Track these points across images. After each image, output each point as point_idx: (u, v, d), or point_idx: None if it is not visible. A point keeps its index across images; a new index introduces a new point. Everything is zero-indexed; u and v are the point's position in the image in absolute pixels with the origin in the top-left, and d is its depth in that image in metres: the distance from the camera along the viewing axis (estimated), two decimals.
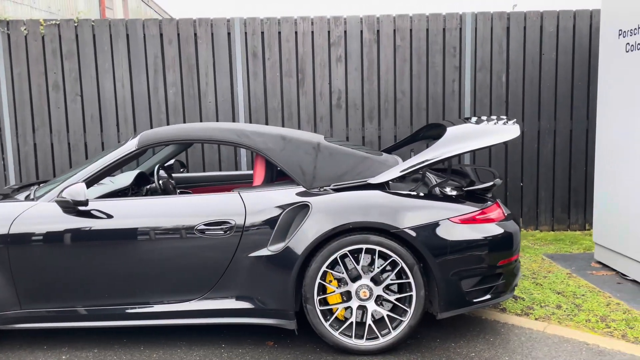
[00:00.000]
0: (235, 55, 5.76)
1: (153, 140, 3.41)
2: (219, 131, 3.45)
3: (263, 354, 3.17)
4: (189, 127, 3.55)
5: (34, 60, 5.70)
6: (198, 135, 3.47)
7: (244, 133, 3.42)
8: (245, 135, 3.41)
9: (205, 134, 3.45)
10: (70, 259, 3.15)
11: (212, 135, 3.43)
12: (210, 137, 3.43)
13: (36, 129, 5.77)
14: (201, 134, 3.47)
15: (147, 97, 5.79)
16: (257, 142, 3.38)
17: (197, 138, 3.48)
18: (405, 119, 5.94)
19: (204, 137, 3.45)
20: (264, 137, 3.40)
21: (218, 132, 3.45)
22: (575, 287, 4.16)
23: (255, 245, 3.15)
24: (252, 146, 3.37)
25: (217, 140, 3.44)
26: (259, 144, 3.37)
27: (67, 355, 3.21)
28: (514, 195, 6.05)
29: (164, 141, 3.48)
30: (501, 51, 5.91)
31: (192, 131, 3.48)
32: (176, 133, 3.47)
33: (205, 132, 3.46)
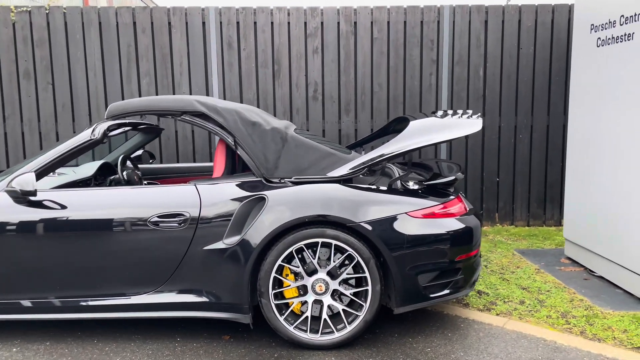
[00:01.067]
0: (210, 45, 5.69)
1: (121, 111, 3.35)
2: (188, 102, 3.34)
3: (217, 348, 3.14)
4: (158, 98, 3.41)
5: (5, 47, 5.60)
6: (166, 106, 3.35)
7: (215, 108, 3.33)
8: (216, 111, 3.32)
9: (174, 105, 3.34)
10: (19, 250, 3.09)
11: (181, 106, 3.33)
12: (179, 108, 3.33)
13: (7, 117, 5.69)
14: (169, 105, 3.35)
15: (120, 86, 5.72)
16: (227, 120, 3.30)
17: (165, 109, 3.35)
18: (382, 112, 5.89)
19: (173, 108, 3.34)
20: (234, 116, 3.33)
21: (187, 103, 3.34)
22: (542, 283, 4.14)
23: (210, 238, 3.10)
24: (221, 123, 3.29)
25: (182, 111, 3.34)
26: (229, 122, 3.30)
27: (19, 348, 3.17)
28: (490, 190, 6.03)
29: (131, 112, 3.36)
30: (479, 45, 5.86)
31: (161, 102, 3.37)
32: (145, 104, 3.36)
33: (175, 102, 3.35)
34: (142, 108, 3.35)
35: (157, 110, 3.35)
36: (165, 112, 3.36)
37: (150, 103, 3.36)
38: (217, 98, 3.99)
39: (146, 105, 3.36)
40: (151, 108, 3.34)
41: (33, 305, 3.13)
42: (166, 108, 3.34)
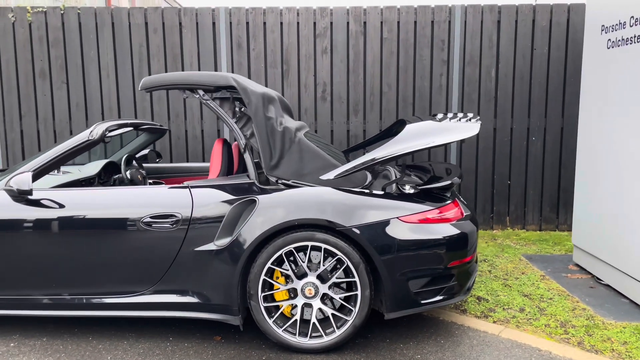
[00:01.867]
0: (220, 45, 5.73)
1: (155, 83, 3.32)
2: (223, 77, 3.30)
3: (207, 349, 3.16)
4: (192, 72, 3.35)
5: (21, 47, 5.75)
6: (199, 81, 3.29)
7: (245, 88, 3.27)
8: (245, 90, 3.26)
9: (208, 79, 3.29)
10: (18, 247, 3.17)
11: (214, 80, 3.29)
12: (213, 83, 3.29)
13: (23, 116, 5.83)
14: (203, 79, 3.29)
15: (132, 86, 5.80)
16: (251, 103, 3.27)
17: (199, 83, 3.29)
18: (391, 113, 5.84)
19: (207, 83, 3.29)
20: (259, 101, 3.30)
21: (221, 77, 3.30)
22: (545, 290, 4.05)
23: (201, 239, 3.12)
24: (246, 104, 3.27)
25: (216, 85, 3.29)
26: (252, 106, 3.27)
27: (16, 343, 3.25)
28: (501, 193, 5.92)
29: (164, 85, 3.31)
30: (491, 45, 5.76)
31: (194, 76, 3.31)
32: (179, 78, 3.31)
33: (210, 77, 3.31)
34: (175, 82, 3.31)
35: (191, 84, 3.30)
36: (199, 86, 3.30)
37: (184, 77, 3.31)
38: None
39: (180, 79, 3.31)
40: (185, 82, 3.29)
41: (36, 302, 3.19)
42: (200, 82, 3.29)
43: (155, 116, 5.82)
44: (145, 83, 3.33)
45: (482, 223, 5.97)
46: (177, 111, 5.82)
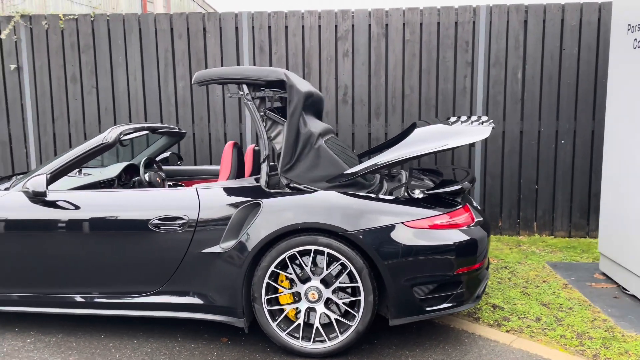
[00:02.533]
0: (242, 49, 5.79)
1: (206, 78, 3.35)
2: (274, 71, 3.31)
3: (212, 350, 3.20)
4: (244, 67, 3.37)
5: (54, 53, 5.97)
6: (251, 75, 3.29)
7: (292, 86, 3.27)
8: (291, 88, 3.26)
9: (259, 74, 3.29)
10: (34, 246, 3.28)
11: (265, 75, 3.28)
12: (263, 77, 3.28)
13: (55, 119, 6.06)
14: (255, 74, 3.29)
15: (158, 90, 5.94)
16: (292, 102, 3.25)
17: (250, 77, 3.29)
18: (413, 116, 5.77)
19: (258, 77, 3.28)
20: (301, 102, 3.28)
21: (272, 71, 3.31)
22: (565, 300, 3.91)
23: (208, 241, 3.16)
24: (288, 102, 3.28)
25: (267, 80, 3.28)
26: (292, 105, 3.26)
27: (33, 339, 3.37)
28: (528, 198, 5.75)
29: (216, 79, 3.33)
30: (517, 46, 5.61)
31: (246, 70, 3.32)
32: (231, 72, 3.33)
33: (261, 71, 3.30)
34: (227, 76, 3.32)
35: (244, 79, 3.30)
36: (251, 80, 3.30)
37: (238, 71, 3.32)
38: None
39: (234, 73, 3.32)
40: (238, 76, 3.30)
41: (51, 299, 3.31)
42: (253, 77, 3.29)
43: (180, 119, 5.93)
44: (198, 77, 3.36)
45: (508, 229, 5.82)
46: (200, 115, 5.91)
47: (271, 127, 3.38)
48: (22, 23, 5.90)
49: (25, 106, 6.05)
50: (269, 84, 3.33)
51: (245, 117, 5.86)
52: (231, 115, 5.88)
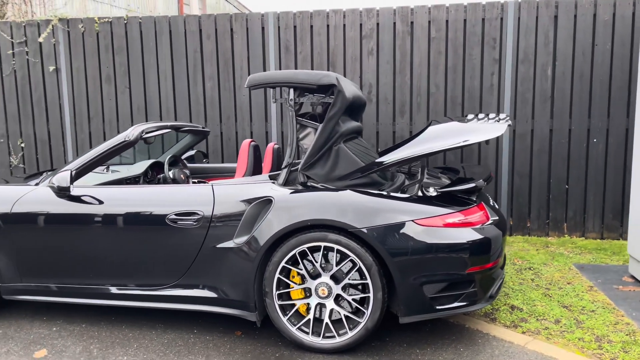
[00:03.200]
0: (268, 49, 5.87)
1: (259, 82, 3.40)
2: (325, 75, 3.32)
3: (226, 343, 3.27)
4: (296, 71, 3.40)
5: (90, 55, 6.21)
6: (303, 80, 3.31)
7: (340, 91, 3.30)
8: (339, 94, 3.30)
9: (311, 78, 3.30)
10: (58, 238, 3.44)
11: (317, 79, 3.30)
12: (315, 82, 3.30)
13: (91, 118, 6.30)
14: (306, 78, 3.31)
15: (187, 89, 6.09)
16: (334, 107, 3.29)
17: (301, 82, 3.31)
18: (439, 114, 5.71)
19: (309, 82, 3.30)
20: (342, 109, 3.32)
21: (323, 76, 3.31)
22: (589, 302, 3.80)
23: (222, 236, 3.24)
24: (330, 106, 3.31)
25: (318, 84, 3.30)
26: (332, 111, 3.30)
27: (58, 327, 3.53)
28: (558, 198, 5.60)
29: (269, 83, 3.37)
30: (547, 42, 5.47)
31: (298, 75, 3.34)
32: (284, 77, 3.36)
33: (313, 75, 3.32)
34: (280, 80, 3.35)
35: (295, 83, 3.33)
36: (303, 85, 3.32)
37: (291, 76, 3.34)
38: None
39: (286, 77, 3.35)
40: (291, 80, 3.33)
41: (75, 290, 3.46)
42: (305, 81, 3.31)
43: (208, 119, 6.07)
44: (251, 81, 3.42)
45: (537, 229, 5.68)
46: (228, 114, 6.03)
47: (300, 129, 3.43)
48: (60, 26, 6.16)
49: (63, 106, 6.31)
50: (320, 88, 3.34)
51: (271, 116, 5.94)
52: (257, 114, 5.97)
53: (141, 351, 3.19)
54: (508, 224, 5.71)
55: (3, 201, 3.51)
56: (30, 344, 3.29)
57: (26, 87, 6.32)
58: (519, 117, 5.58)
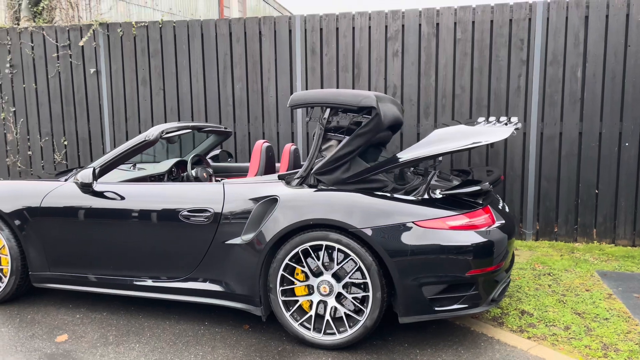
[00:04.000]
0: (295, 51, 5.99)
1: (302, 102, 3.42)
2: (366, 97, 3.32)
3: (233, 336, 3.40)
4: (337, 92, 3.39)
5: (127, 58, 6.51)
6: (344, 101, 3.33)
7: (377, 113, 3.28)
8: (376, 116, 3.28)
9: (352, 100, 3.31)
10: (82, 231, 3.67)
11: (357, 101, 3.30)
12: (356, 103, 3.30)
13: (128, 118, 6.60)
14: (348, 100, 3.32)
15: (217, 91, 6.29)
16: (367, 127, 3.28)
17: (343, 103, 3.33)
18: (464, 116, 5.67)
19: (350, 103, 3.31)
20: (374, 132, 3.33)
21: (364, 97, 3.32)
22: (604, 310, 3.71)
23: (231, 233, 3.37)
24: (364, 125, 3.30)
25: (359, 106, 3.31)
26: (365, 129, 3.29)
27: (81, 315, 3.76)
28: (587, 203, 5.46)
29: (310, 103, 3.40)
30: (577, 43, 5.34)
31: (339, 95, 3.36)
32: (325, 97, 3.38)
33: (354, 97, 3.32)
34: (322, 100, 3.37)
35: (336, 104, 3.34)
36: (344, 106, 3.34)
37: (332, 96, 3.36)
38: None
39: (327, 98, 3.37)
40: (332, 101, 3.34)
41: (96, 280, 3.69)
42: (346, 102, 3.33)
43: (237, 119, 6.25)
44: (293, 100, 3.46)
45: (564, 235, 5.55)
46: (255, 114, 6.19)
47: (324, 141, 3.48)
48: (100, 31, 6.50)
49: (103, 106, 6.65)
50: (361, 109, 3.35)
51: (297, 117, 6.06)
52: (284, 115, 6.10)
53: (153, 340, 3.36)
54: (534, 228, 5.61)
55: (33, 195, 3.77)
56: (53, 329, 3.53)
57: (69, 88, 6.69)
58: (547, 120, 5.47)
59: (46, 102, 6.78)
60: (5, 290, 3.85)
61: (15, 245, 3.80)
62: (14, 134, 6.88)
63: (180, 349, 3.24)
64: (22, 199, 3.78)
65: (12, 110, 6.86)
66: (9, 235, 3.80)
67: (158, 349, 3.24)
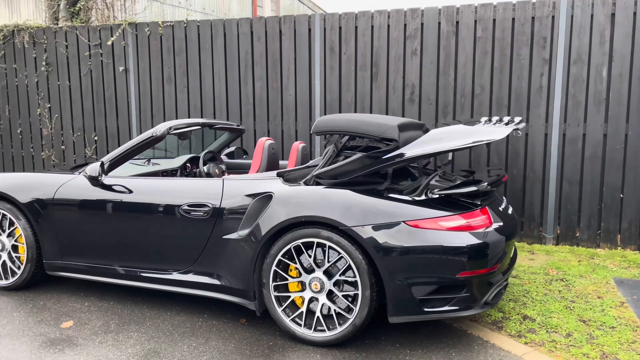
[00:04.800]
0: (314, 50, 6.02)
1: (325, 129, 3.41)
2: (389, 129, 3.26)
3: (228, 329, 3.47)
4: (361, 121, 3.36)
5: (154, 56, 6.70)
6: (367, 131, 3.31)
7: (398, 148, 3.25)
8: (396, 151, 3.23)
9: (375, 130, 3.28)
10: (90, 222, 3.82)
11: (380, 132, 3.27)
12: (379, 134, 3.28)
13: (154, 115, 6.80)
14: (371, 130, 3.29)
15: (238, 89, 6.39)
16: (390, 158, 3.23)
17: (365, 133, 3.31)
18: (483, 115, 5.56)
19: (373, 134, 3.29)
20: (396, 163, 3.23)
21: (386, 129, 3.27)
22: (612, 318, 3.57)
23: (228, 228, 3.43)
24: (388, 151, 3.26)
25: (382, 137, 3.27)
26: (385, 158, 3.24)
27: (89, 303, 3.92)
28: (611, 207, 5.25)
29: (334, 131, 3.38)
30: (603, 41, 5.15)
31: (363, 125, 3.33)
32: (348, 125, 3.36)
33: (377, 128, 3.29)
34: (345, 129, 3.36)
35: (360, 134, 3.33)
36: (367, 136, 3.32)
37: (356, 125, 3.33)
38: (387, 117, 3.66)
39: (351, 127, 3.35)
40: (355, 130, 3.33)
41: (104, 270, 3.83)
42: (369, 132, 3.30)
43: (257, 117, 6.33)
44: (317, 127, 3.43)
45: (586, 240, 5.36)
46: (274, 113, 6.26)
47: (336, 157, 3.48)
48: (129, 30, 6.71)
49: (131, 103, 6.87)
50: (383, 140, 3.31)
51: (315, 116, 6.08)
52: (302, 114, 6.14)
53: (152, 329, 3.47)
54: (555, 232, 5.44)
55: (48, 188, 3.95)
56: (61, 316, 3.69)
57: (100, 85, 6.95)
58: (569, 121, 5.30)
59: (78, 98, 7.06)
60: (22, 277, 4.05)
61: (31, 235, 3.99)
62: (48, 129, 7.21)
63: (176, 339, 3.33)
64: (37, 191, 3.96)
65: (48, 107, 7.18)
66: (26, 225, 3.99)
67: (154, 338, 3.34)
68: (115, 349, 3.20)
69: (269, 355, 3.14)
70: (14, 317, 3.65)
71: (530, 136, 5.41)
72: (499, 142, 5.50)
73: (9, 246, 4.08)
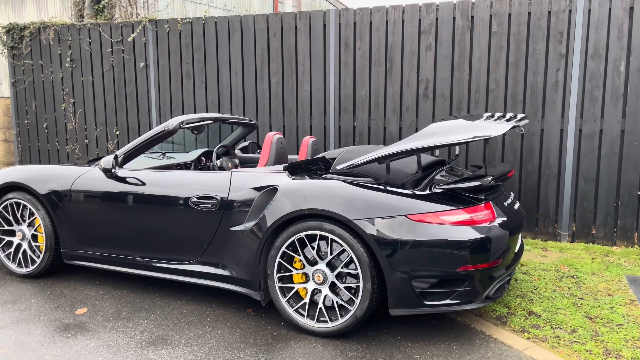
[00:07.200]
0: (329, 45, 6.06)
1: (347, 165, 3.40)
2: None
3: (234, 319, 3.55)
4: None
5: (173, 52, 6.83)
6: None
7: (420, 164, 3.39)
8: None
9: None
10: (105, 213, 3.95)
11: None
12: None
13: (173, 110, 6.94)
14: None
15: (255, 84, 6.48)
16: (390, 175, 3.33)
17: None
18: (498, 111, 5.52)
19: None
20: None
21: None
22: (620, 316, 3.54)
23: (235, 220, 3.51)
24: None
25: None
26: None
27: (104, 291, 4.05)
28: (628, 205, 5.16)
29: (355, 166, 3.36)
30: (621, 36, 5.05)
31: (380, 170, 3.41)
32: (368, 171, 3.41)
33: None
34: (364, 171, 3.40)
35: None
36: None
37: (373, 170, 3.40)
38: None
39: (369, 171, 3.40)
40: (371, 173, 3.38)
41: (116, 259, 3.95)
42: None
43: (272, 112, 6.41)
44: (339, 161, 3.49)
45: (602, 237, 5.28)
46: (290, 108, 6.32)
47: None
48: (149, 27, 6.86)
49: (151, 99, 7.02)
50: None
51: (329, 111, 6.13)
52: (317, 109, 6.19)
53: (161, 317, 3.58)
54: (570, 229, 5.38)
55: (65, 179, 4.10)
56: (76, 302, 3.83)
57: (121, 81, 7.12)
58: (586, 116, 5.22)
59: (101, 94, 7.25)
60: (41, 265, 4.21)
61: (49, 225, 4.14)
62: (73, 124, 7.42)
63: (183, 327, 3.43)
64: (55, 182, 4.11)
65: (72, 102, 7.39)
66: (44, 215, 4.14)
67: (163, 326, 3.45)
68: (125, 335, 3.32)
69: (272, 344, 3.21)
70: (32, 303, 3.81)
71: (545, 132, 5.36)
72: (514, 137, 5.46)
73: (29, 235, 4.24)
